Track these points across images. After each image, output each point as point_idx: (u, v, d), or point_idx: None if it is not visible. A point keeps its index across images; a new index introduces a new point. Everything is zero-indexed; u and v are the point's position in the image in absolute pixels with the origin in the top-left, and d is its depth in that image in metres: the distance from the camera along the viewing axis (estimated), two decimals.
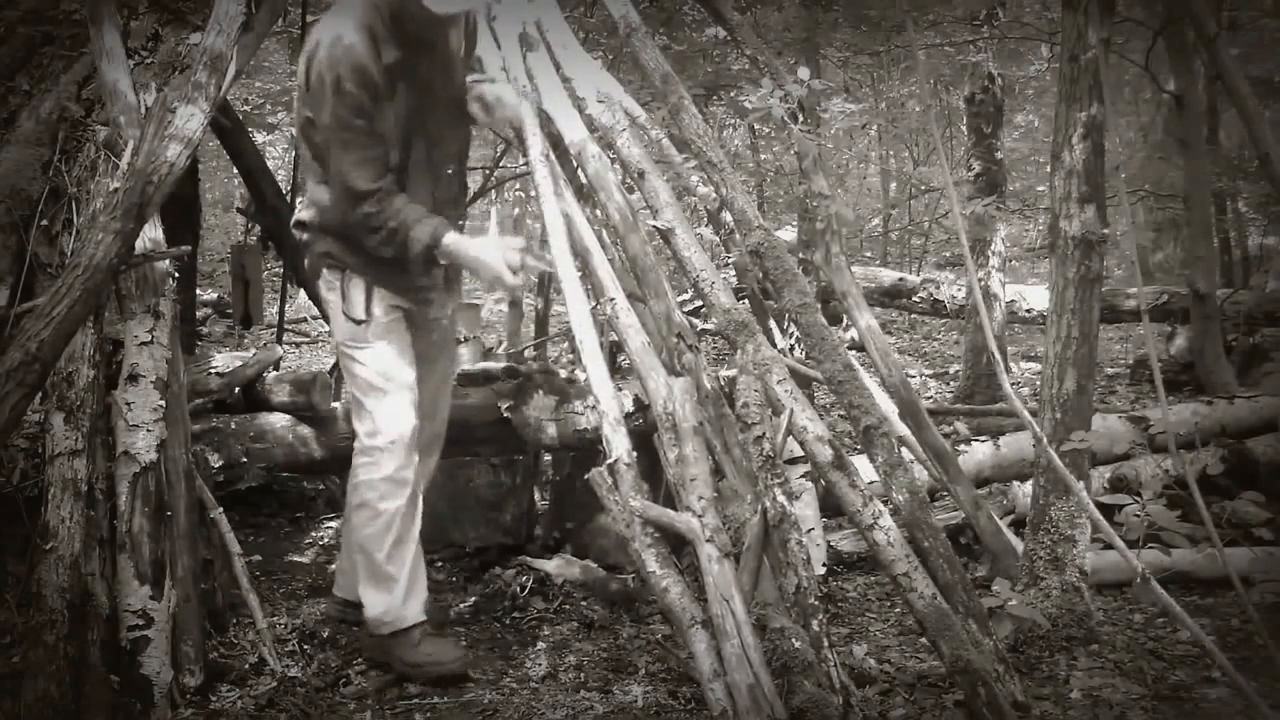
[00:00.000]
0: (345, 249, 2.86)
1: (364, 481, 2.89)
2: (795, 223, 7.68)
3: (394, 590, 2.90)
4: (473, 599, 3.44)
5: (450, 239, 2.75)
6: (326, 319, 3.15)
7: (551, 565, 3.44)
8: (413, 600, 2.93)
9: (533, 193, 4.20)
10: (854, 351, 3.42)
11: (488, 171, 6.77)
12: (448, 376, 3.21)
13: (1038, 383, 4.08)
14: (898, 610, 3.32)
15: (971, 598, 2.67)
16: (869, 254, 11.72)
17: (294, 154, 6.00)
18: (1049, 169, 3.15)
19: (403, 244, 2.74)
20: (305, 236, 2.94)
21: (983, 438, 4.48)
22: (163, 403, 2.76)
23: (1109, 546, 2.33)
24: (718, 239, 3.99)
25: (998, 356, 2.70)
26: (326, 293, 2.94)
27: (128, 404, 2.71)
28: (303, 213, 2.95)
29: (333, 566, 3.84)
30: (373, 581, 2.91)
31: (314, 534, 4.22)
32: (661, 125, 3.54)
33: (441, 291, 3.05)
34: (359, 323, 2.86)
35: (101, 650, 2.55)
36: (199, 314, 7.42)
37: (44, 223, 3.05)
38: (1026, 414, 2.47)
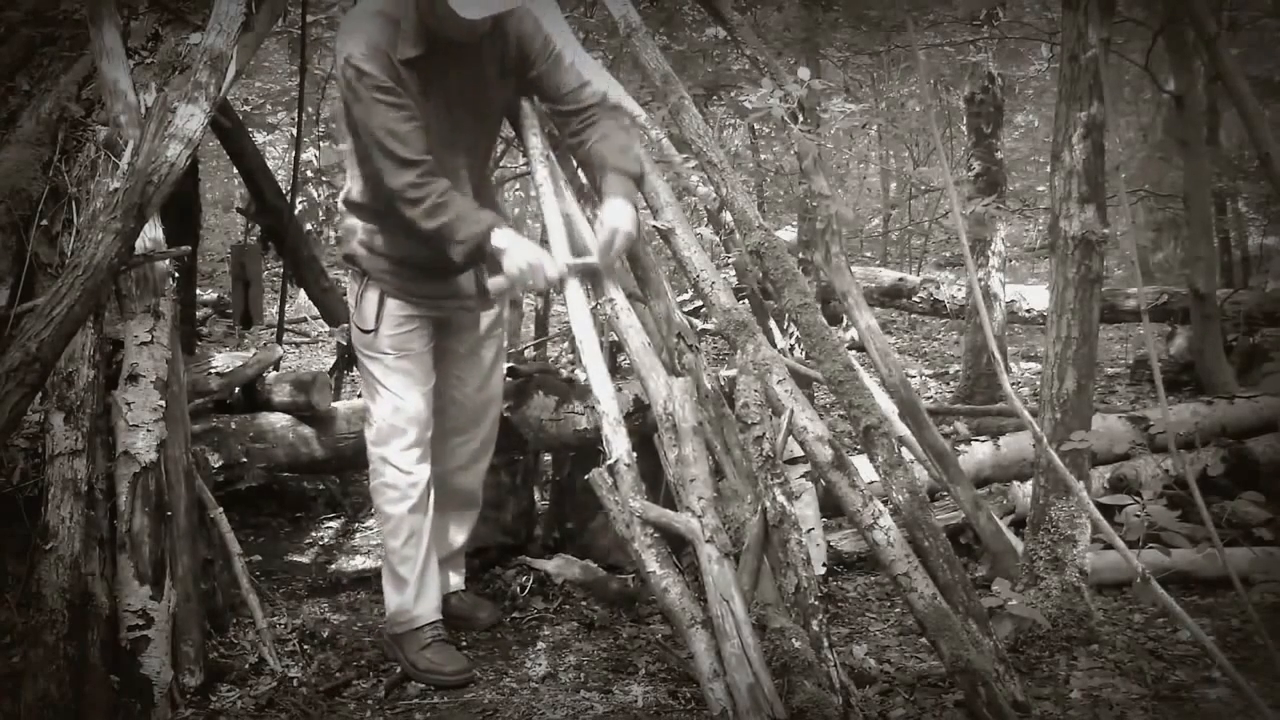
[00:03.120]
0: (369, 251, 2.89)
1: (373, 486, 3.02)
2: (795, 223, 7.68)
3: (405, 591, 2.97)
4: None
5: (508, 232, 2.70)
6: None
7: (551, 565, 3.44)
8: (423, 601, 2.98)
9: (533, 193, 4.19)
10: (854, 351, 3.42)
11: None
12: (490, 375, 3.19)
13: (1038, 383, 4.08)
14: (898, 610, 3.32)
15: (971, 598, 2.67)
16: (869, 254, 11.70)
17: (294, 154, 5.99)
18: (1049, 169, 3.15)
19: (449, 225, 2.66)
20: (347, 217, 2.95)
21: (983, 438, 4.47)
22: (163, 403, 2.76)
23: (1109, 546, 2.33)
24: (718, 239, 3.99)
25: (998, 356, 2.70)
26: (348, 292, 3.04)
27: (128, 404, 2.71)
28: (350, 189, 2.94)
29: (333, 566, 3.85)
30: (389, 580, 3.01)
31: (314, 534, 4.22)
32: (661, 125, 3.54)
33: (476, 296, 3.01)
34: (365, 332, 2.92)
35: (101, 650, 2.56)
36: (199, 314, 7.41)
37: (44, 223, 3.05)
38: (1026, 414, 2.47)
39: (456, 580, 3.26)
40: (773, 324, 3.86)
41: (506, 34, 2.78)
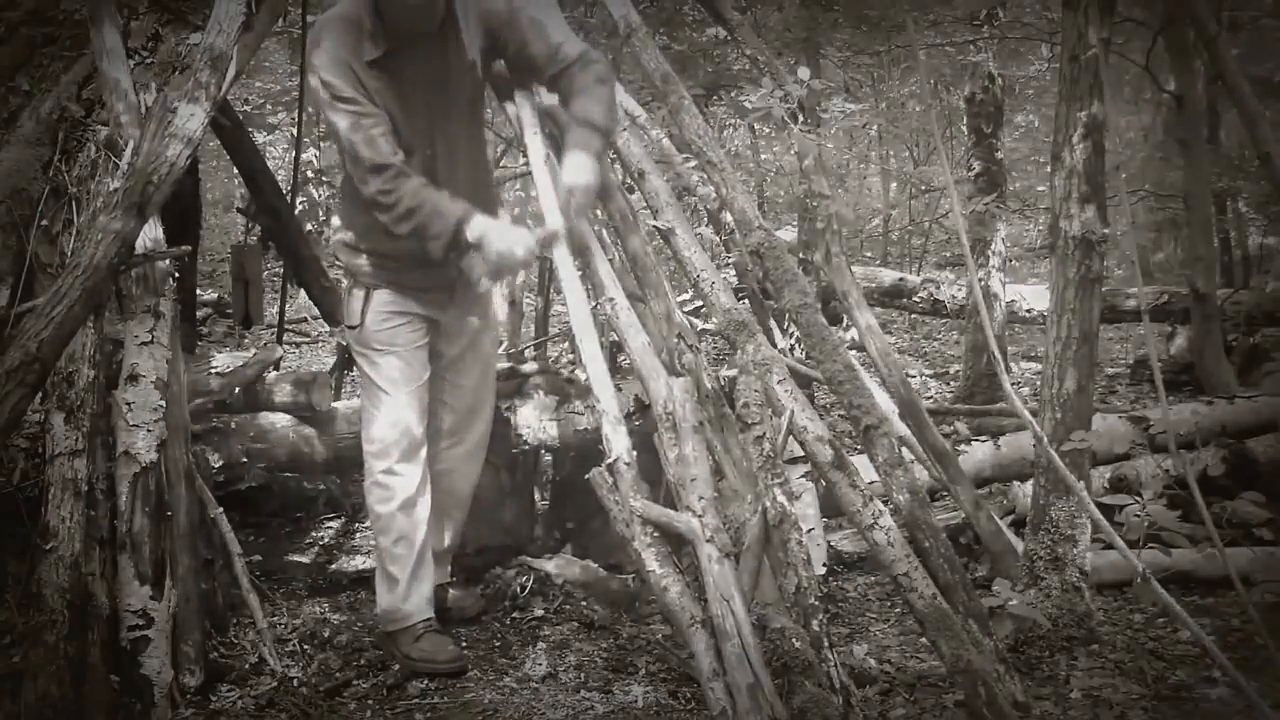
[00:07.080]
0: (352, 248, 2.93)
1: (365, 485, 3.04)
2: (795, 223, 7.67)
3: (395, 589, 2.99)
4: None
5: (480, 220, 2.69)
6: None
7: (551, 565, 3.44)
8: (414, 598, 3.00)
9: (533, 193, 4.19)
10: (854, 351, 3.42)
11: None
12: (483, 380, 3.20)
13: (1038, 383, 4.08)
14: (898, 610, 3.32)
15: (972, 598, 2.67)
16: (869, 254, 11.69)
17: (294, 154, 5.99)
18: (1049, 169, 3.15)
19: (422, 225, 2.67)
20: (333, 216, 3.02)
21: (983, 438, 4.48)
22: (163, 403, 2.76)
23: (1109, 546, 2.33)
24: (718, 239, 4.00)
25: (998, 356, 2.70)
26: (342, 291, 3.08)
27: (128, 404, 2.71)
28: (338, 190, 3.02)
29: (333, 566, 3.85)
30: (381, 578, 3.02)
31: (314, 534, 4.22)
32: (661, 125, 3.54)
33: (463, 293, 3.03)
34: (352, 328, 2.96)
35: (101, 650, 2.56)
36: (199, 314, 7.40)
37: (44, 223, 3.05)
38: (1026, 414, 2.46)
39: (439, 574, 3.26)
40: (773, 324, 3.86)
41: (469, 16, 2.77)
